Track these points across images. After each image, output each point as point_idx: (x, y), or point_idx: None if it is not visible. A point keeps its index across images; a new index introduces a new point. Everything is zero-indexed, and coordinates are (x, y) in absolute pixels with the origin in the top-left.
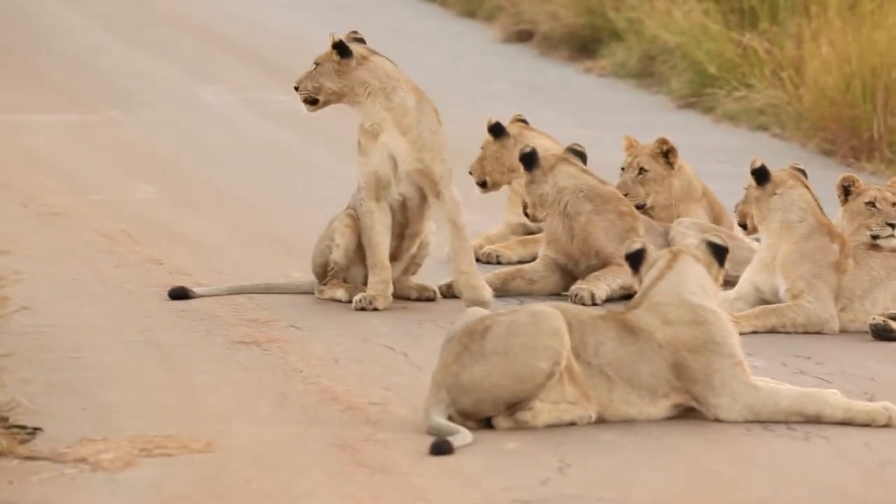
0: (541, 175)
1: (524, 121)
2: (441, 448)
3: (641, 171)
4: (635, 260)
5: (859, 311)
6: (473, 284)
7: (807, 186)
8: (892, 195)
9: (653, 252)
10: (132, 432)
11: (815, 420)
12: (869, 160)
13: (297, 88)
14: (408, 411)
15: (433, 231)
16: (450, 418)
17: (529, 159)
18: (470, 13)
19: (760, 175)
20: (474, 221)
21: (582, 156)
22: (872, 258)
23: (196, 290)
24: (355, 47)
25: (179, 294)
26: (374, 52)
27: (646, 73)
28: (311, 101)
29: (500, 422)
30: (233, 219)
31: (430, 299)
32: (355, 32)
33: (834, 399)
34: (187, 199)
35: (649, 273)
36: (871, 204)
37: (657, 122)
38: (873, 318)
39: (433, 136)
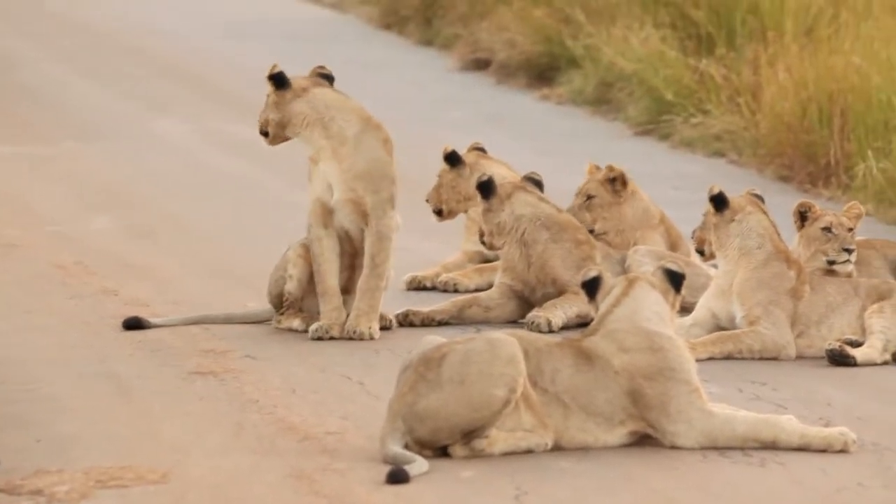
0: (498, 203)
1: (481, 149)
2: (397, 477)
3: (589, 197)
4: (591, 287)
5: (816, 337)
6: (362, 323)
7: (765, 213)
8: (847, 221)
9: (609, 279)
10: (88, 464)
11: (772, 446)
12: (826, 186)
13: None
14: (364, 440)
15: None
16: (406, 447)
17: (486, 188)
18: (427, 42)
19: (719, 201)
20: (431, 250)
21: (539, 184)
22: (829, 284)
23: (153, 320)
24: (295, 79)
25: (134, 324)
26: (319, 84)
27: (603, 101)
28: (264, 134)
29: (457, 450)
30: (189, 249)
31: (386, 328)
32: (322, 67)
33: (790, 425)
34: (143, 230)
35: (606, 300)
36: (828, 229)
37: (614, 149)
38: (829, 344)
39: (370, 165)
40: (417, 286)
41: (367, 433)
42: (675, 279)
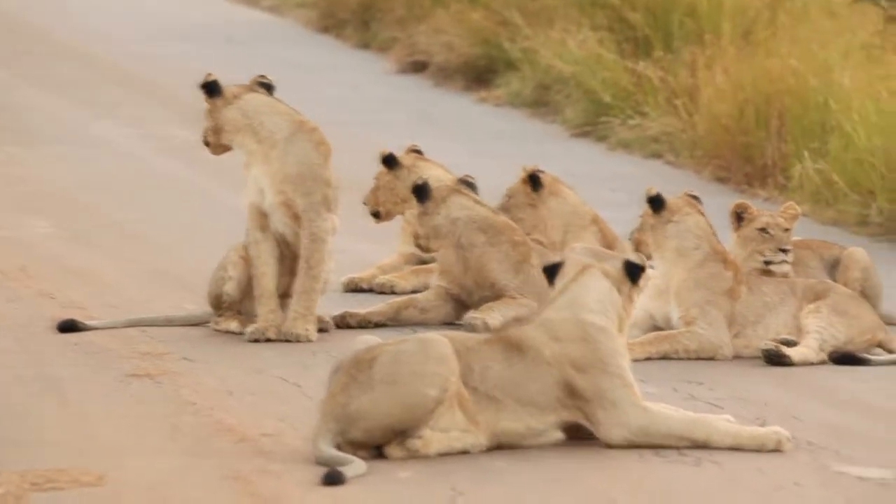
0: (433, 206)
1: (419, 151)
2: (333, 478)
3: (508, 198)
4: (551, 273)
5: (752, 337)
6: (298, 325)
7: (702, 214)
8: (784, 221)
9: (570, 266)
10: (23, 466)
11: (704, 445)
12: (762, 187)
13: None
14: (301, 442)
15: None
16: (339, 447)
17: (421, 191)
18: (365, 45)
19: (656, 203)
20: (368, 251)
21: (473, 187)
22: (765, 284)
23: (88, 322)
24: (228, 87)
25: (69, 327)
26: (252, 90)
27: (540, 103)
28: (205, 143)
29: (392, 450)
30: (127, 252)
31: (324, 330)
32: (263, 76)
33: (724, 425)
34: (82, 233)
35: (556, 287)
36: (764, 230)
37: (552, 151)
38: (765, 344)
39: (301, 168)
40: (354, 288)
41: (303, 435)
42: (632, 271)
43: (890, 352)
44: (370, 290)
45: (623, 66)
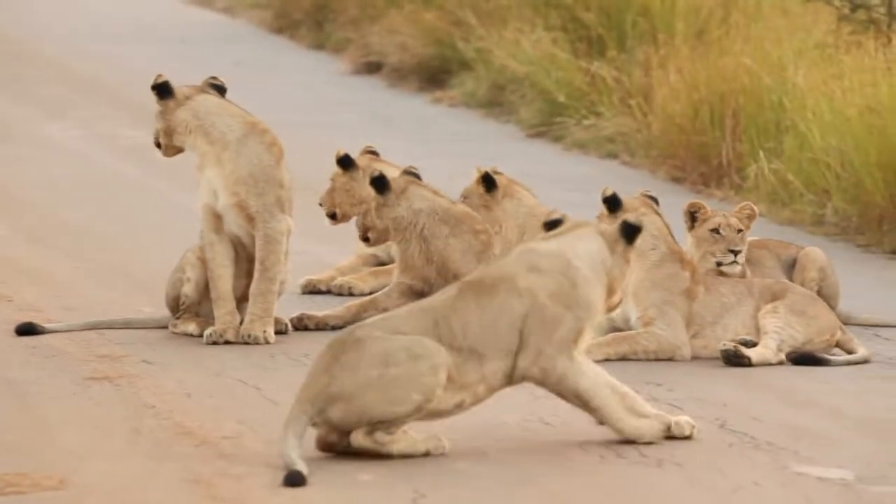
0: (394, 198)
1: (374, 152)
2: (294, 479)
3: (464, 198)
4: (551, 228)
5: (711, 338)
6: (256, 327)
7: (658, 214)
8: (738, 222)
9: (568, 222)
10: None
11: (594, 414)
12: (718, 187)
13: None
14: (261, 445)
15: (287, 269)
16: (314, 425)
17: (380, 183)
18: (319, 45)
19: (612, 203)
20: (324, 252)
21: (418, 178)
22: (723, 284)
23: (47, 325)
24: (179, 88)
25: (27, 330)
26: (203, 91)
27: (495, 103)
28: (157, 145)
29: (358, 437)
30: (83, 254)
31: (282, 332)
32: (214, 78)
33: (618, 411)
34: (37, 235)
35: (549, 234)
36: (716, 230)
37: (507, 152)
38: (724, 344)
39: (253, 168)
40: (313, 290)
41: (263, 437)
42: (628, 231)
43: (849, 352)
44: (328, 292)
45: (577, 66)
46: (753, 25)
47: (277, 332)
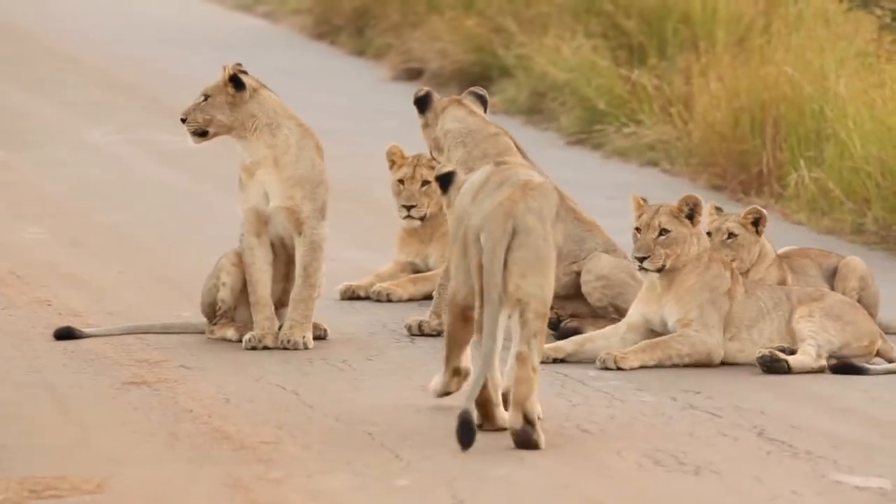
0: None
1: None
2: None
3: None
4: (445, 181)
5: (747, 342)
6: (296, 333)
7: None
8: (735, 226)
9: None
10: (22, 474)
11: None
12: (758, 195)
13: (184, 121)
14: (299, 449)
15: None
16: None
17: (423, 102)
18: (360, 52)
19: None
20: (364, 259)
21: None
22: (761, 289)
23: (85, 330)
24: (247, 80)
25: (66, 334)
26: (263, 86)
27: (535, 110)
28: (201, 134)
29: None
30: (122, 259)
31: (321, 338)
32: (239, 65)
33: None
34: (76, 239)
35: None
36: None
37: (547, 159)
38: (760, 351)
39: (309, 172)
40: (351, 296)
41: (302, 442)
42: None
43: (889, 360)
44: (367, 298)
45: (617, 74)
46: (795, 34)
47: (316, 338)
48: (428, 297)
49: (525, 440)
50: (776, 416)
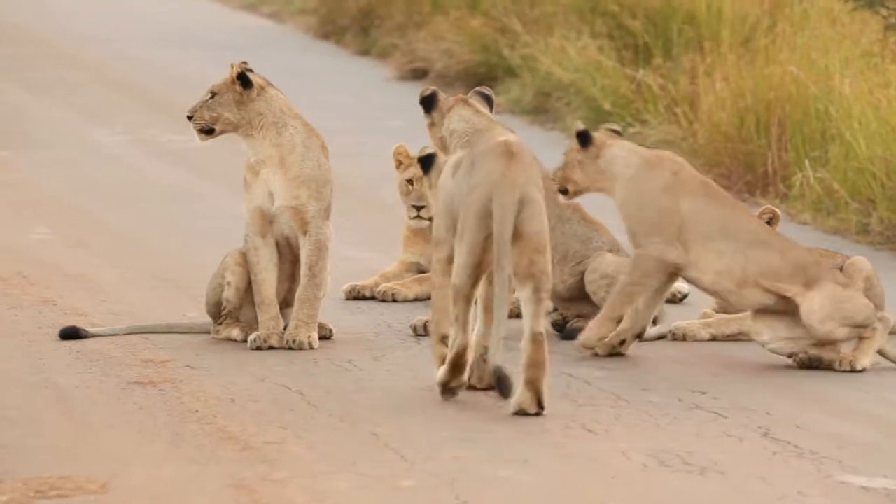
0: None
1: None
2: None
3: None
4: (427, 163)
5: None
6: (301, 333)
7: None
8: None
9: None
10: (27, 474)
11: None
12: (764, 195)
13: (190, 118)
14: (304, 450)
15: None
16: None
17: (429, 101)
18: (365, 52)
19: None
20: (369, 259)
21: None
22: None
23: (90, 330)
24: (254, 78)
25: (71, 334)
26: (270, 84)
27: (541, 110)
28: (207, 131)
29: None
30: (127, 259)
31: (326, 338)
32: (246, 63)
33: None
34: (81, 239)
35: None
36: None
37: (552, 159)
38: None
39: (316, 172)
40: (356, 296)
41: (307, 442)
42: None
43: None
44: (372, 298)
45: (623, 74)
46: (800, 34)
47: (321, 338)
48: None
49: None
50: (782, 416)
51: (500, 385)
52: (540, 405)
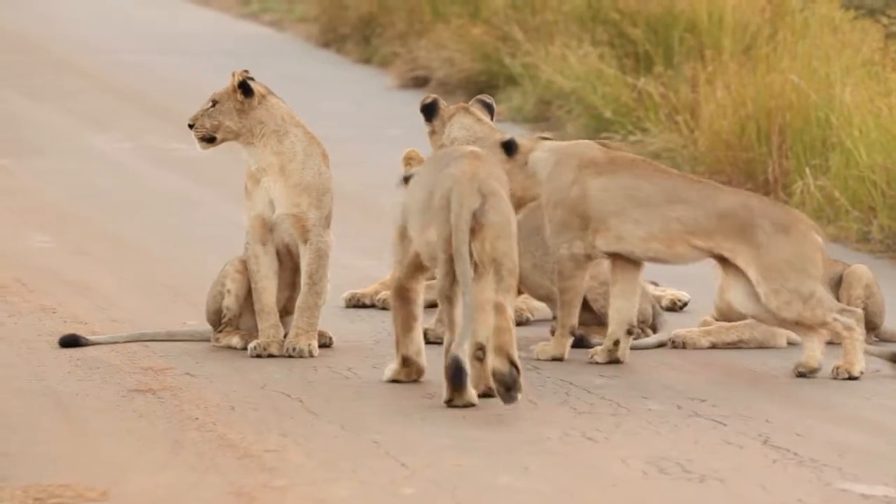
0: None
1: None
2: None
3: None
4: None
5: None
6: (301, 341)
7: None
8: None
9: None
10: (26, 481)
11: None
12: None
13: (191, 126)
14: (304, 457)
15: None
16: None
17: (430, 109)
18: (366, 60)
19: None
20: (369, 267)
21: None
22: None
23: (90, 337)
24: (256, 86)
25: (71, 341)
26: (271, 93)
27: (542, 118)
28: (208, 139)
29: None
30: (127, 266)
31: (326, 346)
32: (247, 72)
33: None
34: (82, 247)
35: None
36: None
37: None
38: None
39: (316, 180)
40: (356, 303)
41: (306, 450)
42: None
43: None
44: (372, 306)
45: (624, 82)
46: (801, 42)
47: (321, 346)
48: (433, 305)
49: (512, 382)
50: (781, 424)
51: (455, 375)
52: (514, 366)
